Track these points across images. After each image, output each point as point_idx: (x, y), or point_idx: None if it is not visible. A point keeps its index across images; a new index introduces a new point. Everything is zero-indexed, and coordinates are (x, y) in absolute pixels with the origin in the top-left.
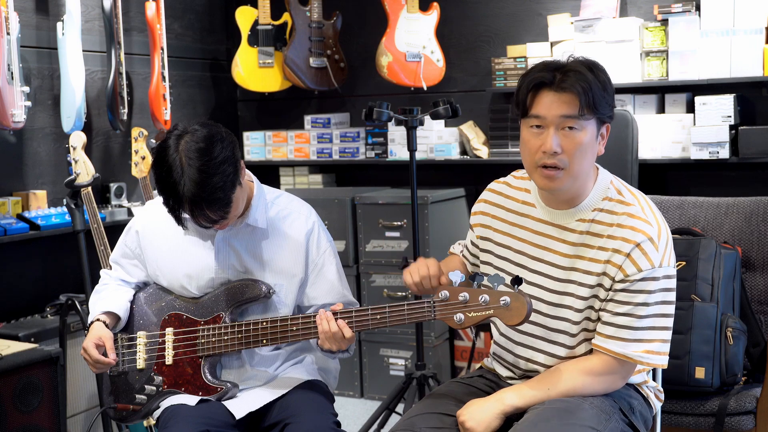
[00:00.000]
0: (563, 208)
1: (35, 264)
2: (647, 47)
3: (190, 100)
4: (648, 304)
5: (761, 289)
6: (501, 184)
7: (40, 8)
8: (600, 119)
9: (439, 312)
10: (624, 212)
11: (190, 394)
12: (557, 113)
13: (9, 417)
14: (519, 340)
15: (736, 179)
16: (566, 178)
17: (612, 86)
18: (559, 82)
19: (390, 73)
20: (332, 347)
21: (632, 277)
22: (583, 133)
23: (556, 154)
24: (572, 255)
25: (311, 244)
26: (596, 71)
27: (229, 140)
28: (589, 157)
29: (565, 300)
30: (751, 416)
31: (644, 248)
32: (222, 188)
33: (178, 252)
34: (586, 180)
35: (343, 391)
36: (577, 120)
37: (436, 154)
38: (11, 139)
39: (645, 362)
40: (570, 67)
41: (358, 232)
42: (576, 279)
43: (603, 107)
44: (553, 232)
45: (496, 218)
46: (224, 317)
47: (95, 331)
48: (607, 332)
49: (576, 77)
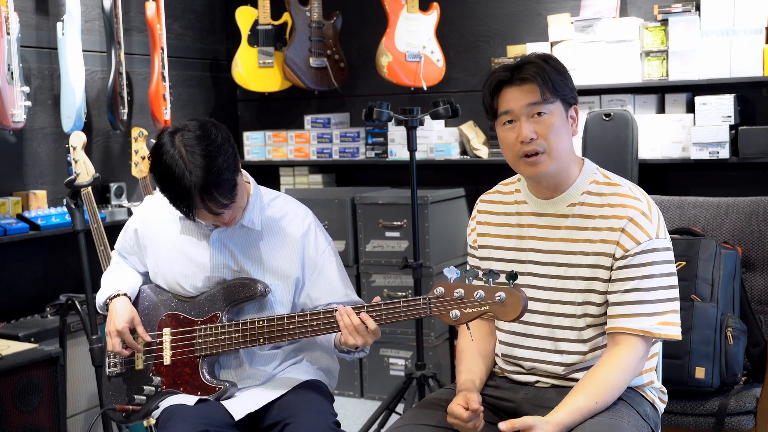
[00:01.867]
0: (553, 196)
1: (35, 264)
2: (647, 47)
3: (190, 100)
4: (653, 275)
5: (761, 289)
6: (492, 194)
7: (40, 8)
8: (565, 101)
9: (435, 308)
10: (612, 192)
11: (189, 393)
12: (523, 103)
13: (9, 417)
14: (524, 332)
15: (736, 179)
16: (548, 160)
17: (567, 72)
18: (517, 76)
19: (390, 73)
20: (357, 342)
21: (632, 251)
22: (551, 116)
23: (533, 140)
24: (567, 239)
25: (308, 245)
26: (549, 60)
27: (221, 126)
28: (564, 137)
29: (566, 284)
30: (751, 416)
31: (638, 221)
32: (228, 169)
33: (174, 251)
34: (570, 165)
35: (343, 391)
36: (543, 105)
37: (436, 154)
38: (11, 139)
39: (662, 334)
40: (524, 61)
41: (358, 232)
42: (574, 262)
43: (563, 89)
44: (546, 222)
45: (491, 225)
46: (221, 316)
47: (126, 312)
48: (619, 312)
49: (531, 68)
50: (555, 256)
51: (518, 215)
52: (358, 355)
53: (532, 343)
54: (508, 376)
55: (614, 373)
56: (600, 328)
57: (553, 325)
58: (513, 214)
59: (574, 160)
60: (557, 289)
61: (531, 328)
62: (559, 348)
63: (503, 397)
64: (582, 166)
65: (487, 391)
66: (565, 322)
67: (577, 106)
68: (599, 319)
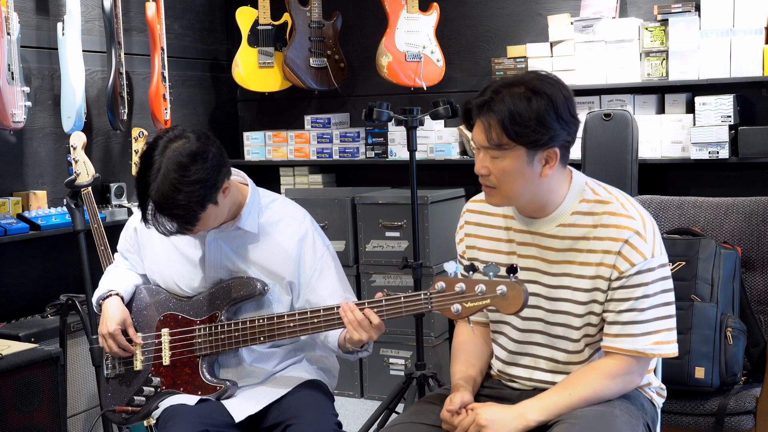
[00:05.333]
0: (540, 216)
1: (35, 264)
2: (647, 47)
3: (190, 100)
4: (648, 295)
5: (761, 289)
6: (479, 203)
7: (40, 8)
8: (533, 146)
9: (436, 303)
10: (604, 212)
11: (189, 393)
12: (478, 141)
13: (9, 417)
14: (520, 351)
15: (736, 179)
16: (498, 197)
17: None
18: (482, 109)
19: (390, 73)
20: (362, 336)
21: (627, 273)
22: (505, 160)
23: (484, 175)
24: (561, 261)
25: (305, 249)
26: (532, 96)
27: (215, 161)
28: (520, 181)
29: (561, 306)
30: (751, 416)
31: (633, 243)
32: (184, 207)
33: (171, 251)
34: (548, 195)
35: (343, 391)
36: (494, 150)
37: (436, 154)
38: (11, 139)
39: (656, 354)
40: (500, 92)
41: (358, 232)
42: (569, 284)
43: (528, 136)
44: (536, 241)
45: (479, 237)
46: (220, 316)
47: (117, 313)
48: (613, 331)
49: (498, 105)
50: (551, 278)
51: (507, 230)
52: (362, 355)
53: (528, 362)
54: (505, 383)
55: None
56: (597, 345)
57: (550, 346)
58: (502, 228)
59: (555, 189)
60: (552, 311)
61: (527, 347)
62: (557, 369)
63: (497, 396)
64: (570, 182)
65: (484, 391)
66: (562, 344)
67: (557, 149)
68: (596, 338)
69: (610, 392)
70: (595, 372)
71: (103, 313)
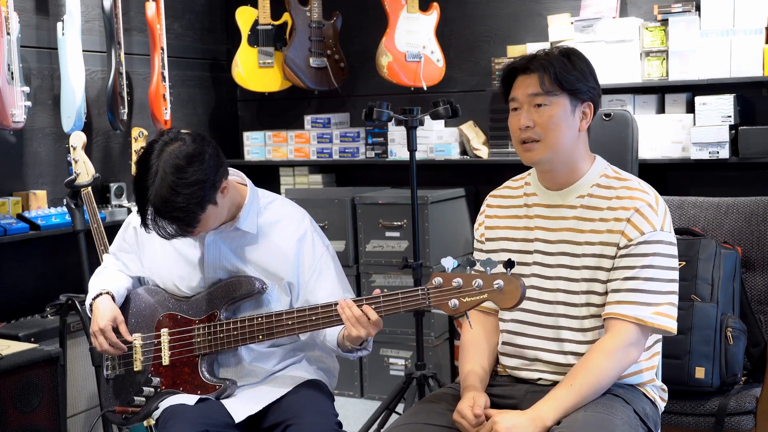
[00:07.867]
0: (562, 187)
1: (35, 264)
2: (647, 47)
3: (190, 100)
4: (653, 266)
5: (761, 289)
6: (501, 189)
7: (40, 8)
8: (574, 96)
9: (434, 299)
10: (622, 186)
11: (189, 393)
12: (525, 93)
13: (9, 417)
14: (527, 320)
15: (736, 179)
16: (542, 149)
17: (588, 68)
18: (526, 66)
19: (390, 73)
20: (361, 333)
21: (635, 241)
22: (552, 107)
23: (529, 128)
24: (575, 229)
25: (304, 249)
26: (570, 55)
27: (212, 162)
28: (564, 130)
29: (571, 273)
30: (751, 416)
31: (643, 212)
32: (184, 209)
33: (170, 251)
34: (578, 158)
35: (343, 391)
36: (544, 96)
37: (436, 154)
38: (11, 139)
39: (656, 324)
40: (541, 53)
41: (358, 232)
42: (579, 252)
43: (571, 83)
44: (554, 213)
45: (499, 218)
46: (219, 315)
47: (108, 310)
48: (616, 298)
49: (542, 60)
50: (561, 245)
51: (527, 207)
52: (361, 354)
53: (534, 332)
54: (510, 374)
55: (592, 356)
56: (601, 318)
57: (556, 314)
58: (521, 206)
59: (584, 155)
60: (562, 278)
61: (534, 316)
62: (561, 336)
63: (504, 394)
64: (593, 162)
65: (488, 390)
66: (568, 311)
67: (593, 104)
68: (601, 309)
69: (610, 371)
70: (593, 354)
71: (94, 311)
